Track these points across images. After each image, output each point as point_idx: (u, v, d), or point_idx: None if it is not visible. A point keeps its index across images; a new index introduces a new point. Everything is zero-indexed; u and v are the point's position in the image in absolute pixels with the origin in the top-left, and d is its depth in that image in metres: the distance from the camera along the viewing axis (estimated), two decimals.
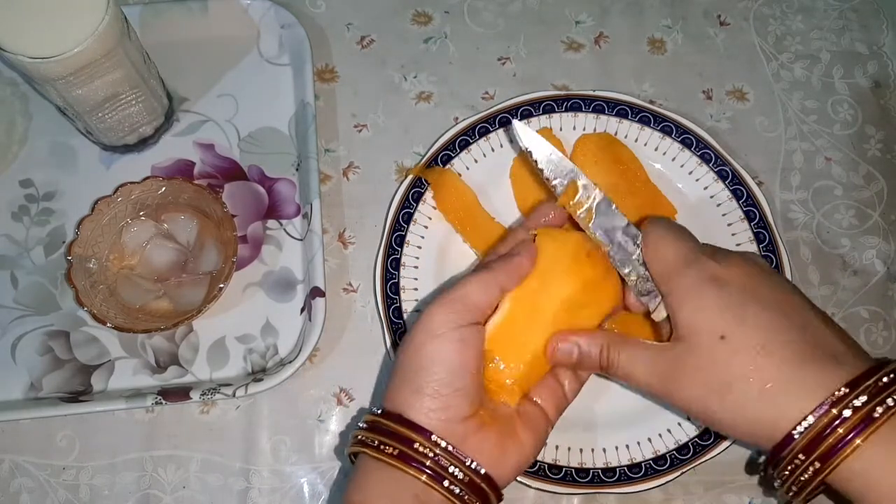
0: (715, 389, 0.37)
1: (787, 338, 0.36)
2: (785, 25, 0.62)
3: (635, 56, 0.60)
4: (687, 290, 0.38)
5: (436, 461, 0.36)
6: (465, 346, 0.38)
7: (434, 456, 0.36)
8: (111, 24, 0.44)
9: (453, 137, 0.55)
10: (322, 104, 0.58)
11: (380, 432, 0.38)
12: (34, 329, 0.52)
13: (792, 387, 0.35)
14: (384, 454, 0.37)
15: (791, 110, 0.59)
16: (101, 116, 0.50)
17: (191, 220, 0.52)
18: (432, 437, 0.36)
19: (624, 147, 0.55)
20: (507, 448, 0.38)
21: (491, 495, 0.38)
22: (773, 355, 0.36)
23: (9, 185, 0.55)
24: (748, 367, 0.36)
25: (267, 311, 0.52)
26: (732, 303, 0.37)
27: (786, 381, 0.35)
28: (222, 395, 0.48)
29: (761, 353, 0.36)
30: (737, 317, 0.37)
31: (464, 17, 0.61)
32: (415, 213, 0.53)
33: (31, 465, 0.49)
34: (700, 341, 0.37)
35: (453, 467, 0.36)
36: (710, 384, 0.37)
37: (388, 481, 0.37)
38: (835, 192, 0.57)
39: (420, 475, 0.36)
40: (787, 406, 0.35)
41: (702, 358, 0.37)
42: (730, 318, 0.37)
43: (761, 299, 0.37)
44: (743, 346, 0.36)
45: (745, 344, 0.36)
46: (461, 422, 0.37)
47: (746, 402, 0.36)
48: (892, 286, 0.55)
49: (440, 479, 0.36)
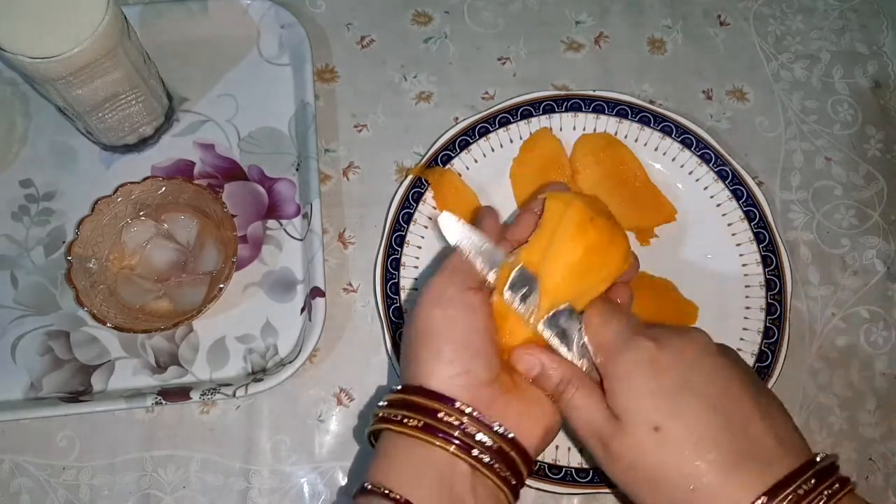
0: (645, 482, 0.36)
1: (719, 439, 0.35)
2: (785, 25, 0.62)
3: (635, 56, 0.60)
4: (623, 374, 0.37)
5: (463, 430, 0.35)
6: (473, 309, 0.38)
7: (461, 424, 0.35)
8: (111, 24, 0.44)
9: (453, 137, 0.55)
10: (322, 104, 0.58)
11: (402, 406, 0.37)
12: (34, 329, 0.52)
13: (720, 491, 0.34)
14: (408, 427, 0.36)
15: (791, 110, 0.59)
16: (101, 116, 0.50)
17: (191, 220, 0.52)
18: (456, 404, 0.36)
19: (624, 147, 0.55)
20: (533, 413, 0.38)
21: (521, 464, 0.36)
22: (703, 457, 0.34)
23: (9, 185, 0.55)
24: (676, 467, 0.35)
25: (267, 311, 0.52)
26: (669, 391, 0.36)
27: (712, 486, 0.34)
28: (222, 395, 0.48)
29: (692, 452, 0.35)
30: (671, 409, 0.36)
31: (464, 17, 0.61)
32: (415, 213, 0.53)
33: (31, 465, 0.49)
34: (635, 429, 0.36)
35: (481, 434, 0.35)
36: (641, 475, 0.36)
37: (411, 459, 0.36)
38: (835, 192, 0.57)
39: (448, 446, 0.35)
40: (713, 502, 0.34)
41: (634, 447, 0.36)
42: (664, 410, 0.36)
43: (697, 392, 0.36)
44: (675, 443, 0.35)
45: (677, 441, 0.35)
46: (484, 386, 0.37)
47: (676, 501, 0.35)
48: (892, 286, 0.55)
49: (468, 448, 0.35)
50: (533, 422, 0.38)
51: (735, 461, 0.34)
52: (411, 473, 0.35)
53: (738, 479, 0.34)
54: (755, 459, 0.35)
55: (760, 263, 0.52)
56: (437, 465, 0.35)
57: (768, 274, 0.52)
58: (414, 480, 0.35)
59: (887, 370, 0.53)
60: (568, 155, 0.55)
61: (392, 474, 0.36)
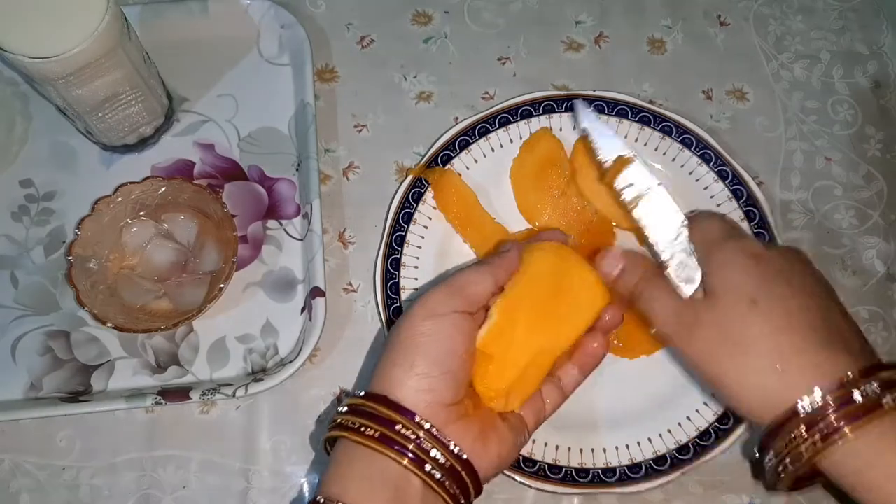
0: (731, 347, 0.37)
1: (810, 319, 0.37)
2: (785, 25, 0.62)
3: (635, 56, 0.60)
4: (727, 258, 0.39)
5: (418, 444, 0.36)
6: (458, 331, 0.38)
7: (416, 439, 0.36)
8: (111, 24, 0.44)
9: (453, 137, 0.55)
10: (322, 104, 0.58)
11: (361, 415, 0.37)
12: (34, 329, 0.52)
13: (806, 364, 0.36)
14: (364, 436, 0.36)
15: (791, 110, 0.59)
16: (101, 116, 0.50)
17: (191, 220, 0.52)
18: (416, 418, 0.36)
19: None
20: (489, 440, 0.38)
21: (470, 485, 0.37)
22: (795, 331, 0.37)
23: (9, 185, 0.55)
24: (769, 335, 0.37)
25: (267, 311, 0.52)
26: (768, 276, 0.38)
27: (801, 358, 0.36)
28: (222, 395, 0.48)
29: (784, 326, 0.37)
30: (769, 289, 0.38)
31: (464, 17, 0.61)
32: (415, 213, 0.53)
33: (31, 465, 0.49)
34: (730, 301, 0.38)
35: (435, 450, 0.36)
36: (729, 341, 0.37)
37: (366, 471, 0.36)
38: (835, 192, 0.57)
39: (402, 459, 0.36)
40: (797, 380, 0.36)
41: (728, 315, 0.38)
42: (763, 288, 0.38)
43: (794, 282, 0.38)
44: (770, 315, 0.37)
45: (772, 313, 0.37)
46: (445, 406, 0.37)
47: (759, 367, 0.36)
48: (892, 286, 0.55)
49: (421, 463, 0.36)
50: (488, 447, 0.38)
51: (825, 342, 0.36)
52: (366, 486, 0.36)
53: (827, 358, 0.36)
54: (842, 346, 0.37)
55: None
56: (391, 478, 0.36)
57: None
58: (368, 493, 0.36)
59: None
60: (568, 155, 0.55)
61: (347, 486, 0.36)
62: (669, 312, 0.40)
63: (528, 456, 0.48)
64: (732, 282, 0.38)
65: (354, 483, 0.36)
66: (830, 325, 0.37)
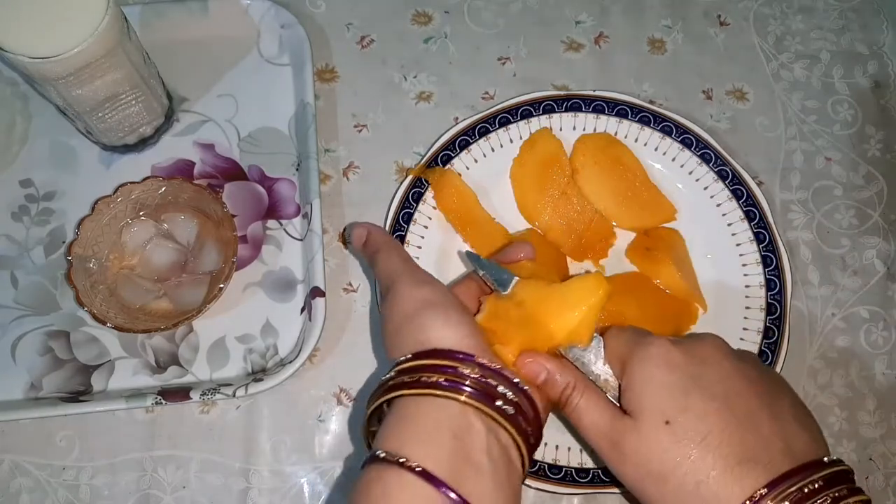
0: (653, 476, 0.36)
1: (727, 433, 0.35)
2: (785, 25, 0.62)
3: (635, 56, 0.60)
4: (637, 371, 0.38)
5: (484, 382, 0.34)
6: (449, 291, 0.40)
7: (481, 377, 0.34)
8: (111, 24, 0.44)
9: (453, 137, 0.55)
10: (322, 104, 0.58)
11: (414, 371, 0.35)
12: (34, 329, 0.52)
13: (723, 485, 0.34)
14: (425, 386, 0.34)
15: (791, 110, 0.59)
16: (101, 116, 0.50)
17: (191, 220, 0.52)
18: (476, 358, 0.35)
19: (624, 147, 0.55)
20: None
21: (534, 428, 0.36)
22: (711, 451, 0.35)
23: (9, 185, 0.55)
24: (686, 459, 0.35)
25: (267, 311, 0.52)
26: (679, 388, 0.36)
27: (718, 480, 0.34)
28: (222, 395, 0.48)
29: (700, 446, 0.35)
30: (681, 404, 0.36)
31: (464, 17, 0.61)
32: (415, 213, 0.53)
33: (31, 465, 0.49)
34: (646, 424, 0.36)
35: (501, 387, 0.35)
36: (650, 470, 0.36)
37: (425, 423, 0.34)
38: (835, 192, 0.57)
39: (470, 399, 0.34)
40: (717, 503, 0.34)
41: (644, 441, 0.36)
42: (674, 404, 0.36)
43: (708, 388, 0.37)
44: (684, 436, 0.35)
45: (686, 434, 0.35)
46: (491, 347, 0.37)
47: (681, 494, 0.35)
48: (892, 286, 0.55)
49: (492, 399, 0.34)
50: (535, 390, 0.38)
51: (740, 457, 0.35)
52: (427, 439, 0.34)
53: (741, 474, 0.34)
54: (760, 457, 0.35)
55: (760, 263, 0.52)
56: (452, 427, 0.34)
57: (768, 274, 0.52)
58: (430, 447, 0.33)
59: (887, 370, 0.53)
60: (568, 155, 0.55)
61: (405, 440, 0.34)
62: (597, 431, 0.38)
63: None
64: (646, 401, 0.37)
65: (415, 439, 0.34)
66: (748, 434, 0.35)
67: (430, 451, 0.33)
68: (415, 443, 0.34)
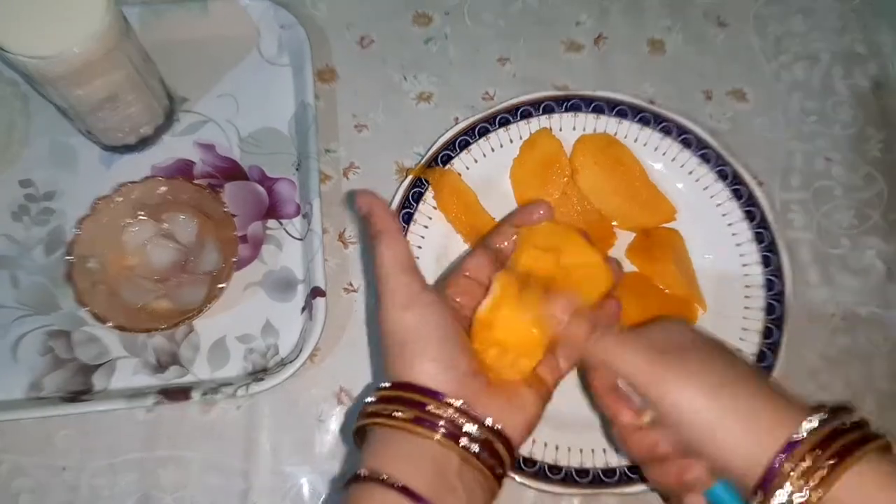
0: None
1: (747, 378, 0.37)
2: (785, 26, 0.62)
3: (635, 56, 0.60)
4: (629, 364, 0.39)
5: (451, 421, 0.36)
6: (441, 307, 0.39)
7: (448, 416, 0.36)
8: (111, 24, 0.44)
9: (453, 137, 0.55)
10: (322, 104, 0.58)
11: (391, 402, 0.38)
12: (35, 329, 0.52)
13: (771, 421, 0.35)
14: (399, 420, 0.36)
15: (791, 111, 0.59)
16: (101, 116, 0.50)
17: (191, 219, 0.52)
18: (444, 397, 0.37)
19: (624, 147, 0.55)
20: (515, 404, 0.39)
21: (506, 457, 0.38)
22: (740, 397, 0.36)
23: (9, 185, 0.55)
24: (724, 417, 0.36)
25: (267, 311, 0.52)
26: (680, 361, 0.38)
27: (761, 417, 0.35)
28: (223, 394, 0.48)
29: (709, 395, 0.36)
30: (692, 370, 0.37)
31: (464, 18, 0.61)
32: (415, 213, 0.53)
33: (32, 465, 0.49)
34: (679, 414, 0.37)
35: (469, 425, 0.36)
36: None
37: (404, 448, 0.36)
38: (835, 193, 0.57)
39: (434, 434, 0.36)
40: (769, 438, 0.35)
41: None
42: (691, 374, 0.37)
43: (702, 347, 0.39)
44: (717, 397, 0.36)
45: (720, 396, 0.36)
46: (469, 378, 0.38)
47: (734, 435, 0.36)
48: (891, 286, 0.55)
49: (456, 438, 0.36)
50: (516, 413, 0.39)
51: (768, 396, 0.36)
52: (406, 462, 0.36)
53: (783, 407, 0.36)
54: (782, 396, 0.36)
55: (760, 263, 0.52)
56: (430, 455, 0.36)
57: (768, 274, 0.52)
58: (409, 468, 0.36)
59: (887, 370, 0.53)
60: (568, 155, 0.55)
61: (387, 462, 0.36)
62: (640, 362, 0.39)
63: (528, 456, 0.48)
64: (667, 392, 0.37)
65: (395, 461, 0.36)
66: (760, 381, 0.37)
67: (410, 470, 0.35)
68: (395, 463, 0.36)
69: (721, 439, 0.36)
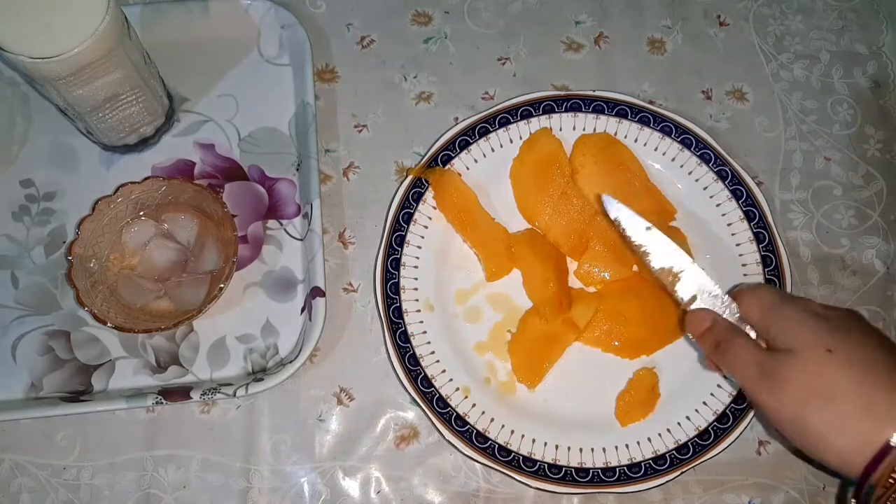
0: (819, 399, 0.37)
1: (885, 362, 0.38)
2: (784, 25, 0.62)
3: (635, 56, 0.60)
4: (791, 317, 0.41)
5: None
6: None
7: None
8: (111, 24, 0.44)
9: (453, 137, 0.55)
10: (322, 104, 0.58)
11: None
12: (35, 329, 0.52)
13: (893, 401, 0.36)
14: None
15: (790, 110, 0.59)
16: (101, 117, 0.50)
17: (191, 220, 0.52)
18: None
19: (623, 147, 0.55)
20: None
21: None
22: (875, 373, 0.37)
23: (9, 185, 0.55)
24: (853, 380, 0.37)
25: (267, 311, 0.52)
26: (835, 328, 0.39)
27: (888, 396, 0.36)
28: (223, 394, 0.48)
29: (864, 370, 0.37)
30: (841, 338, 0.39)
31: (464, 18, 0.61)
32: (415, 213, 0.53)
33: (32, 465, 0.49)
34: (807, 353, 0.38)
35: None
36: (815, 393, 0.37)
37: None
38: (834, 192, 0.57)
39: None
40: (887, 417, 0.36)
41: (808, 366, 0.38)
42: (835, 338, 0.39)
43: (859, 331, 0.40)
44: (849, 361, 0.38)
45: (850, 359, 0.38)
46: None
47: (848, 412, 0.37)
48: (891, 286, 0.55)
49: None
50: None
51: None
52: None
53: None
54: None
55: (760, 263, 0.52)
56: None
57: (768, 274, 0.52)
58: None
59: None
60: (568, 155, 0.55)
61: None
62: (754, 367, 0.40)
63: (528, 456, 0.48)
64: (805, 336, 0.39)
65: None
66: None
67: None
68: None
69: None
